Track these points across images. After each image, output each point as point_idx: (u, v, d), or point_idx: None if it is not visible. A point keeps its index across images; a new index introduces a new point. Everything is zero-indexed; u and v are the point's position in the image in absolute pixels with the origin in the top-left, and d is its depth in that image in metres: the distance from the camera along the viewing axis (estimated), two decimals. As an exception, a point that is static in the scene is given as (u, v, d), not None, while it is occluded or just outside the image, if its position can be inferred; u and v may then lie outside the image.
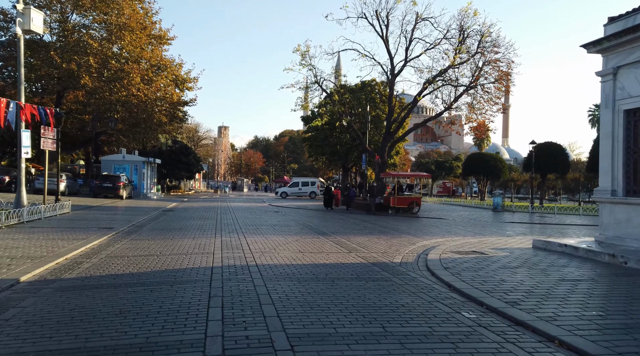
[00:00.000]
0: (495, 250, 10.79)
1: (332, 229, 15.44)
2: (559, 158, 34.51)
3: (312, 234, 13.45)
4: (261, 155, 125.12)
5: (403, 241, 12.82)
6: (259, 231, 13.99)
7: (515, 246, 11.87)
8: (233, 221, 17.09)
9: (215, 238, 11.81)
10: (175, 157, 51.82)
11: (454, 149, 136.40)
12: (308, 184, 47.75)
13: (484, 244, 11.98)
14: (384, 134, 26.89)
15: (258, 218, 19.26)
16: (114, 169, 33.32)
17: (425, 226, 17.98)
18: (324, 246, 11.07)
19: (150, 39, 39.37)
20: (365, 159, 28.04)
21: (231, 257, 8.93)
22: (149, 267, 7.83)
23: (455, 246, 11.50)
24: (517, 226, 19.41)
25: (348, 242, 11.99)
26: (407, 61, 25.19)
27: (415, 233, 14.95)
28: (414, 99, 24.80)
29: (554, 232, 17.37)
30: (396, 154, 41.24)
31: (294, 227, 15.67)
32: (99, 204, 23.85)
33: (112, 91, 35.53)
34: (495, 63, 24.14)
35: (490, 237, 14.38)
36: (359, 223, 18.11)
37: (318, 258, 9.20)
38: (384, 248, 11.11)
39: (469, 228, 17.97)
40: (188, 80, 41.78)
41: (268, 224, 16.46)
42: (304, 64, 24.45)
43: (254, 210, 24.59)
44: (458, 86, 24.84)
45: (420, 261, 9.31)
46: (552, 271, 8.18)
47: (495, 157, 50.72)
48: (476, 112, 25.52)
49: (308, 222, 18.00)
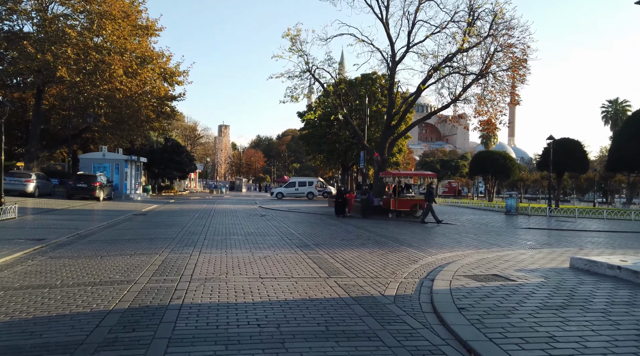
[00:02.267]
0: (524, 273, 8.13)
1: (317, 239, 12.82)
2: (576, 155, 31.57)
3: (289, 248, 10.82)
4: (262, 154, 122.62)
5: (402, 256, 10.18)
6: (225, 243, 11.38)
7: (546, 264, 9.20)
8: (202, 229, 14.51)
9: (161, 255, 9.21)
10: (167, 156, 49.41)
11: (460, 148, 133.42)
12: (305, 184, 45.01)
13: (506, 263, 9.31)
14: (384, 129, 24.18)
15: (236, 224, 16.66)
16: (93, 168, 30.87)
17: (430, 234, 15.31)
18: (297, 267, 8.45)
19: (137, 29, 36.91)
20: (364, 157, 25.37)
21: (154, 290, 6.33)
22: (14, 312, 5.24)
23: (469, 266, 8.86)
24: (537, 233, 16.70)
25: (331, 259, 9.36)
26: (409, 46, 22.51)
27: (418, 244, 12.30)
28: (418, 88, 22.10)
29: (582, 242, 14.65)
30: (399, 152, 38.54)
31: (273, 236, 13.06)
32: (66, 207, 21.36)
33: (94, 84, 33.15)
34: (509, 48, 21.42)
35: (510, 250, 11.71)
36: (352, 231, 15.47)
37: (280, 290, 6.58)
38: (376, 269, 8.48)
39: (482, 236, 15.29)
40: (177, 73, 39.26)
41: (243, 232, 13.85)
42: (294, 50, 21.81)
43: (238, 214, 22.00)
44: (467, 74, 22.14)
45: (424, 294, 6.68)
46: (619, 315, 5.53)
47: (504, 156, 47.85)
48: (487, 104, 22.81)
49: (292, 229, 15.39)
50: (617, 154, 29.44)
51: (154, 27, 38.19)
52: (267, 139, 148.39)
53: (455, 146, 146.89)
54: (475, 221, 20.97)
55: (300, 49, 21.56)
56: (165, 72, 38.66)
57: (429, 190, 20.12)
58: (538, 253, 11.17)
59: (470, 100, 23.46)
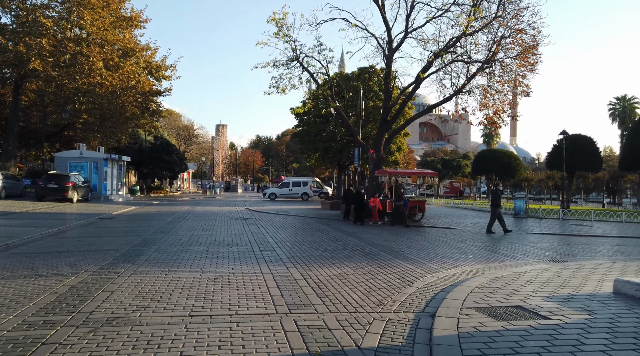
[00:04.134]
0: (557, 304, 5.99)
1: (295, 249, 10.69)
2: (589, 153, 29.34)
3: (254, 264, 8.69)
4: (260, 154, 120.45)
5: (395, 274, 8.05)
6: (176, 257, 9.25)
7: (581, 288, 7.05)
8: (163, 236, 12.37)
9: (78, 276, 7.08)
10: (156, 155, 47.33)
11: (461, 148, 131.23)
12: (300, 185, 42.82)
13: (528, 285, 7.17)
14: (380, 123, 22.00)
15: (206, 230, 14.53)
16: (69, 168, 28.75)
17: (430, 243, 13.17)
18: (251, 294, 6.32)
19: (121, 21, 34.83)
20: (358, 155, 23.22)
21: (11, 342, 4.21)
22: None
23: (481, 290, 6.73)
24: (554, 240, 14.54)
25: (302, 280, 7.24)
26: (408, 31, 20.33)
27: (416, 257, 10.16)
28: (417, 77, 19.92)
29: (609, 251, 12.50)
30: (398, 150, 36.33)
31: (242, 247, 10.93)
32: (29, 209, 19.28)
33: (73, 78, 31.08)
34: (518, 33, 19.27)
35: (528, 264, 9.56)
36: (340, 239, 13.32)
37: (205, 341, 4.45)
38: (358, 296, 6.36)
39: (491, 244, 13.15)
40: (163, 68, 37.18)
41: (208, 241, 11.72)
42: (280, 36, 19.66)
43: (218, 217, 19.88)
44: (471, 61, 19.97)
45: (420, 344, 4.55)
46: None
47: (508, 154, 45.65)
48: (493, 95, 20.67)
49: (270, 237, 13.26)
50: (632, 152, 27.27)
51: (139, 18, 36.11)
52: (266, 139, 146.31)
53: (456, 145, 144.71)
54: (482, 226, 18.80)
55: (286, 34, 19.41)
56: (151, 66, 36.59)
57: (495, 193, 17.06)
58: (564, 268, 9.02)
59: (474, 92, 21.31)
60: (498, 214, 16.25)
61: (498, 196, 16.81)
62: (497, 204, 16.38)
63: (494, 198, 16.79)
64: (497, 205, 16.34)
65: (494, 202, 16.59)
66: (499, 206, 16.50)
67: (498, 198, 16.65)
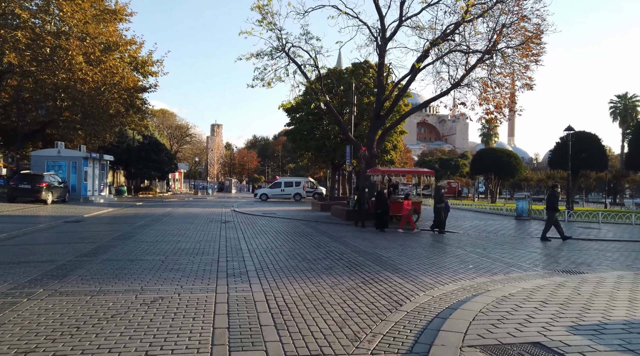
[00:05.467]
0: (587, 338, 4.55)
1: (267, 259, 9.23)
2: (594, 151, 27.93)
3: (209, 280, 7.22)
4: (256, 154, 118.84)
5: (380, 293, 6.60)
6: (121, 271, 7.78)
7: (611, 313, 5.61)
8: (122, 243, 10.89)
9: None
10: (144, 154, 45.78)
11: (459, 148, 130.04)
12: (292, 185, 41.28)
13: (545, 308, 5.72)
14: (372, 118, 20.54)
15: (176, 235, 13.04)
16: (46, 167, 27.24)
17: (425, 250, 11.72)
18: (188, 325, 4.85)
19: (104, 14, 33.32)
20: (351, 153, 21.76)
21: None
22: None
23: (487, 317, 5.29)
24: (562, 246, 13.10)
25: (261, 303, 5.78)
26: (402, 20, 18.89)
27: (408, 267, 8.72)
28: (412, 67, 18.44)
29: (627, 259, 11.08)
30: (393, 148, 34.89)
31: (206, 257, 9.46)
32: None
33: (53, 73, 29.59)
34: (521, 20, 17.87)
35: (540, 278, 8.12)
36: (323, 245, 11.86)
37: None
38: (329, 327, 4.91)
39: (494, 251, 11.71)
40: (149, 63, 35.67)
41: (170, 250, 10.24)
42: (264, 25, 18.19)
43: (197, 220, 18.39)
44: (470, 51, 18.53)
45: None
46: None
47: (508, 153, 44.24)
48: (494, 89, 19.27)
49: (245, 243, 11.80)
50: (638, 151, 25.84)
51: (124, 11, 34.65)
52: (263, 139, 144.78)
53: (454, 145, 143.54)
54: (482, 229, 17.39)
55: (271, 21, 17.92)
56: (136, 61, 35.07)
57: (552, 195, 14.66)
58: (582, 282, 7.59)
59: (474, 85, 19.89)
60: (555, 220, 14.20)
61: (555, 199, 14.55)
62: (555, 208, 14.18)
63: (550, 201, 14.49)
64: (555, 209, 14.16)
65: (550, 205, 14.34)
66: (557, 210, 14.33)
67: (555, 201, 14.41)
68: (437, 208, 15.64)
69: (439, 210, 15.54)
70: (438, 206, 15.60)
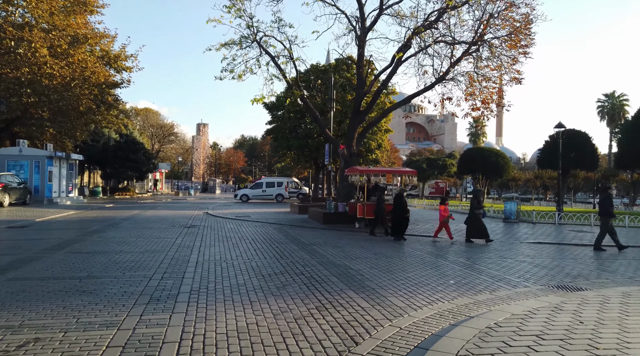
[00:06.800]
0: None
1: (212, 275, 7.81)
2: (585, 151, 26.93)
3: (122, 307, 5.77)
4: (242, 154, 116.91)
5: (335, 324, 5.22)
6: (6, 301, 6.30)
7: (627, 351, 4.30)
8: (47, 255, 9.38)
9: None
10: (121, 153, 43.96)
11: (447, 148, 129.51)
12: (274, 185, 39.77)
13: (539, 346, 4.39)
14: (352, 115, 19.19)
15: (123, 244, 11.55)
16: (7, 167, 25.46)
17: (401, 259, 10.39)
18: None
19: (74, 5, 31.54)
20: (329, 151, 20.40)
21: None
22: None
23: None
24: (554, 254, 11.87)
25: (170, 346, 4.36)
26: (382, 8, 17.56)
27: (378, 284, 7.36)
28: (394, 58, 17.11)
29: (628, 270, 9.87)
30: (378, 147, 33.57)
31: (137, 273, 8.01)
32: None
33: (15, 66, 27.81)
34: (509, 9, 16.68)
35: (532, 297, 6.82)
36: (288, 254, 10.45)
37: None
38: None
39: (478, 260, 10.41)
40: (122, 57, 33.96)
41: (102, 264, 8.76)
42: (233, 12, 16.72)
43: (159, 224, 16.87)
44: (455, 42, 17.28)
45: None
46: None
47: (496, 153, 43.31)
48: (481, 83, 18.07)
49: (198, 253, 10.35)
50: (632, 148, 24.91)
51: (95, 3, 32.85)
52: (251, 138, 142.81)
53: (443, 145, 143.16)
54: (467, 233, 16.09)
55: (240, 7, 16.46)
56: (108, 55, 33.33)
57: (607, 199, 12.56)
58: (582, 303, 6.30)
59: (459, 80, 18.66)
60: (610, 227, 12.41)
61: (610, 203, 12.52)
62: (611, 213, 12.29)
63: (604, 206, 12.47)
64: (611, 214, 12.31)
65: (604, 210, 12.37)
66: (613, 215, 12.45)
67: (610, 205, 12.42)
68: (475, 215, 13.72)
69: (478, 217, 13.68)
70: (477, 212, 13.73)
